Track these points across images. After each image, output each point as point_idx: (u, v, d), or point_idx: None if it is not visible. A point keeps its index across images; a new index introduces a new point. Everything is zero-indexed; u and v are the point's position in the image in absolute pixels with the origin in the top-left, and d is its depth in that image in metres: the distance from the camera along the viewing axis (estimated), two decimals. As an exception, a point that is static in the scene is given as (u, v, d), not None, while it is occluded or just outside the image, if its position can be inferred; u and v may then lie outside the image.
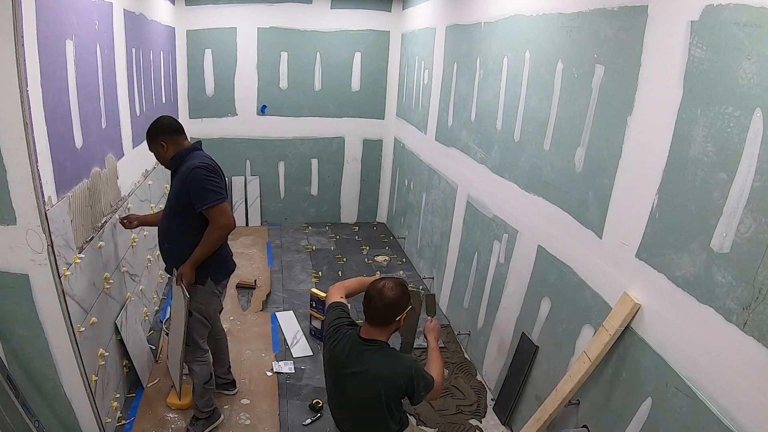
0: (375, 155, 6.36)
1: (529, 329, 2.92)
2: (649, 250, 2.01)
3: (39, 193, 2.02)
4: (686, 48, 1.81)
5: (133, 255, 3.41)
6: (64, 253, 2.27)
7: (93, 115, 2.71)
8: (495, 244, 3.39)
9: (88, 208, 2.58)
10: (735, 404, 1.63)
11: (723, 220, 1.68)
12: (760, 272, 1.55)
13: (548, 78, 2.71)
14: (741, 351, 1.61)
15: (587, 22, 2.38)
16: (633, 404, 2.05)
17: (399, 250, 5.73)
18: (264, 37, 5.62)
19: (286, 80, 5.82)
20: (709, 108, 1.72)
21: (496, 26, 3.34)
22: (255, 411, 3.12)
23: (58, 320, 2.22)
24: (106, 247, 2.84)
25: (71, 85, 2.40)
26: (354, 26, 5.74)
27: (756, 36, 1.57)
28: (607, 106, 2.25)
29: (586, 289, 2.40)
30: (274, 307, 4.34)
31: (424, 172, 4.94)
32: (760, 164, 1.56)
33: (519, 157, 3.05)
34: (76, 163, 2.46)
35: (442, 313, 4.38)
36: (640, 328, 2.04)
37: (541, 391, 2.76)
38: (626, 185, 2.14)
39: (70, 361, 2.31)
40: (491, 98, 3.42)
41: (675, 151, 1.87)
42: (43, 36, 2.07)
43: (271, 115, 5.91)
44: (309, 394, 3.31)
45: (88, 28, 2.64)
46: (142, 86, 3.76)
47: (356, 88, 6.00)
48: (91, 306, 2.58)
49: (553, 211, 2.69)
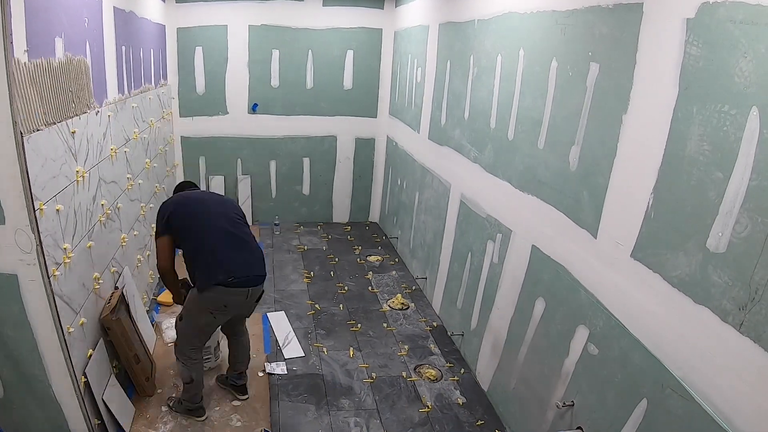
0: (367, 154, 6.32)
1: (523, 330, 2.90)
2: (644, 250, 2.00)
3: (28, 193, 2.00)
4: (682, 46, 1.80)
5: (123, 255, 3.37)
6: (53, 253, 2.25)
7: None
8: (489, 243, 3.37)
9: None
10: (731, 406, 1.62)
11: (719, 219, 1.67)
12: (757, 272, 1.54)
13: (542, 76, 2.69)
14: (737, 352, 1.60)
15: (582, 19, 2.36)
16: (628, 406, 2.03)
17: (392, 250, 5.70)
18: (255, 35, 5.57)
19: (277, 78, 5.77)
20: (705, 106, 1.71)
21: (490, 24, 3.32)
22: (246, 412, 3.09)
23: (47, 321, 2.20)
24: (96, 246, 2.81)
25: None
26: (346, 24, 5.70)
27: (752, 33, 1.56)
28: (602, 104, 2.23)
29: (580, 289, 2.39)
30: (265, 308, 4.31)
31: (417, 172, 4.92)
32: (756, 163, 1.55)
33: (513, 156, 3.04)
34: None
35: (436, 314, 4.37)
36: (636, 328, 2.03)
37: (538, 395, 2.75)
38: (621, 184, 2.13)
39: (59, 362, 2.29)
40: (485, 96, 3.40)
41: (670, 150, 1.86)
42: (32, 34, 2.04)
43: (262, 114, 5.86)
44: (301, 396, 3.28)
45: (78, 25, 2.60)
46: (132, 83, 3.72)
47: (348, 87, 5.96)
48: (80, 306, 2.56)
49: (547, 211, 2.67)
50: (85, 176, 2.65)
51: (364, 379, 3.49)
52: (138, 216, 3.85)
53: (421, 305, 4.53)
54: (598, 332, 2.26)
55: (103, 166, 2.97)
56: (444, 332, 4.07)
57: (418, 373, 3.57)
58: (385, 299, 4.60)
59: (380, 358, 3.73)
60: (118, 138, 3.31)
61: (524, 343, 2.89)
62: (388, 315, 4.35)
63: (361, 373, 3.56)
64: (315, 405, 3.22)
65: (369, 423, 3.09)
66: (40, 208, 2.10)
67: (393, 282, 4.96)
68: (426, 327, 4.18)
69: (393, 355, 3.78)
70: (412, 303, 4.56)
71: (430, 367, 3.64)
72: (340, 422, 3.09)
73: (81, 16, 2.65)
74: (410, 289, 4.80)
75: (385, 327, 4.15)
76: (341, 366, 3.62)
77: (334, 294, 4.64)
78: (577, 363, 2.40)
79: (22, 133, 1.94)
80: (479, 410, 3.25)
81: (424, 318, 4.32)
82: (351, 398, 3.30)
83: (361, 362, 3.67)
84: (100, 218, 2.91)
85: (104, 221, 2.97)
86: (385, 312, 4.39)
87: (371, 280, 4.98)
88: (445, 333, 4.06)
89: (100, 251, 2.90)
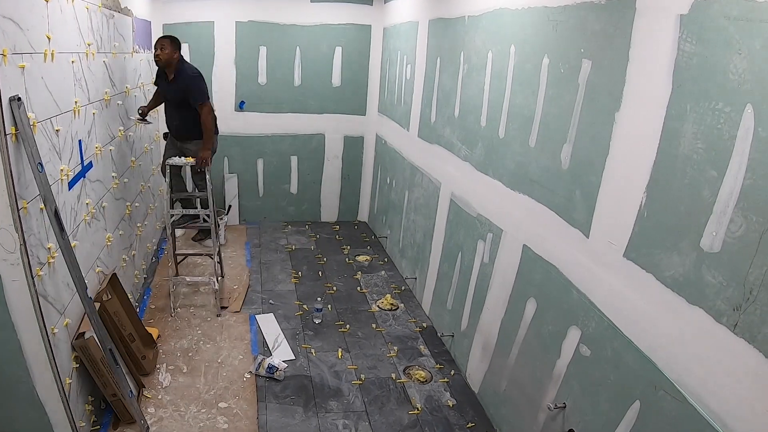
0: (356, 152, 6.27)
1: (514, 331, 2.87)
2: (637, 250, 1.97)
3: (11, 192, 1.96)
4: (675, 42, 1.77)
5: (107, 254, 3.30)
6: (37, 253, 2.21)
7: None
8: (479, 243, 3.34)
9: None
10: (725, 408, 1.60)
11: (713, 218, 1.65)
12: (751, 272, 1.52)
13: (534, 73, 2.65)
14: (731, 353, 1.58)
15: (574, 15, 2.33)
16: (621, 408, 2.01)
17: (381, 250, 5.66)
18: (242, 32, 5.50)
19: (265, 75, 5.70)
20: (699, 104, 1.69)
21: (481, 20, 3.28)
22: (233, 414, 3.03)
23: (31, 322, 2.18)
24: (80, 246, 2.76)
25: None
26: (334, 20, 5.64)
27: (747, 30, 1.54)
28: (595, 101, 2.20)
29: (572, 289, 2.36)
30: (252, 308, 4.25)
31: (407, 170, 4.88)
32: (751, 161, 1.53)
33: (504, 154, 3.00)
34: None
35: (425, 314, 4.33)
36: (628, 329, 2.00)
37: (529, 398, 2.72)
38: (614, 183, 2.10)
39: (44, 364, 2.27)
40: (475, 94, 3.37)
41: (664, 148, 1.83)
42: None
43: (249, 111, 5.79)
44: (289, 398, 3.23)
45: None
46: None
47: (337, 84, 5.90)
48: (64, 307, 2.52)
49: (538, 210, 2.64)
50: (70, 174, 2.60)
51: (353, 380, 3.45)
52: (123, 215, 3.77)
53: (410, 306, 4.49)
54: (590, 333, 2.23)
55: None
56: (434, 333, 4.04)
57: (408, 375, 3.53)
58: (374, 300, 4.56)
59: (369, 360, 3.68)
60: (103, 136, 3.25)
61: (515, 345, 2.86)
62: (377, 315, 4.30)
63: (350, 374, 3.51)
64: (303, 407, 3.16)
65: (358, 425, 3.05)
66: (23, 207, 2.08)
67: (382, 282, 4.91)
68: (415, 328, 4.14)
69: (382, 356, 3.74)
70: (401, 303, 4.51)
71: (419, 369, 3.60)
72: (329, 424, 3.04)
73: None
74: (399, 290, 4.76)
75: (374, 328, 4.10)
76: (329, 367, 3.57)
77: (322, 294, 4.59)
78: (569, 364, 2.37)
79: (5, 131, 1.91)
80: (469, 412, 3.22)
81: (413, 319, 4.28)
82: (339, 400, 3.25)
83: (350, 363, 3.63)
84: (85, 217, 2.87)
85: (89, 221, 2.93)
86: (374, 312, 4.34)
87: (360, 280, 4.93)
88: (434, 334, 4.02)
89: (84, 251, 2.85)
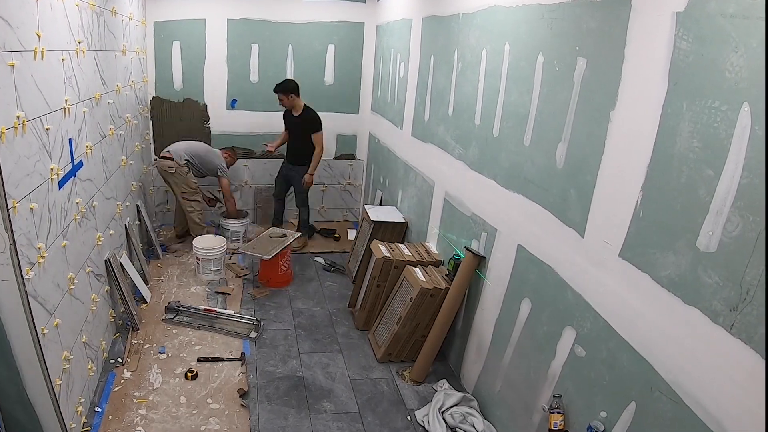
0: (349, 151, 6.23)
1: (509, 331, 2.85)
2: (632, 250, 1.96)
3: (1, 191, 1.92)
4: (671, 40, 1.76)
5: (98, 255, 3.26)
6: (27, 253, 2.18)
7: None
8: (473, 243, 3.31)
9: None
10: (722, 409, 1.59)
11: (709, 218, 1.63)
12: (748, 272, 1.51)
13: (528, 71, 2.63)
14: (728, 353, 1.57)
15: (569, 13, 2.31)
16: (616, 408, 2.00)
17: (375, 248, 5.63)
18: (234, 29, 5.44)
19: (257, 74, 5.66)
20: (695, 102, 1.67)
21: (475, 17, 3.26)
22: (226, 416, 3.00)
23: (21, 322, 2.14)
24: (71, 246, 2.72)
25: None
26: (327, 17, 5.61)
27: (743, 28, 1.52)
28: (590, 100, 2.18)
29: (567, 289, 2.34)
30: (244, 309, 4.21)
31: (400, 169, 4.85)
32: (747, 160, 1.51)
33: (498, 153, 2.98)
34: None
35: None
36: (624, 329, 1.99)
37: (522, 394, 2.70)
38: (609, 182, 2.08)
39: (33, 365, 2.23)
40: (469, 92, 3.34)
41: (660, 147, 1.82)
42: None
43: (241, 110, 5.75)
44: (281, 399, 3.20)
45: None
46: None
47: (330, 82, 5.87)
48: (54, 307, 2.48)
49: (533, 210, 2.62)
50: (60, 173, 2.56)
51: (347, 381, 3.42)
52: (114, 215, 3.72)
53: (404, 304, 4.46)
54: (585, 333, 2.22)
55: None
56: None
57: (402, 376, 3.51)
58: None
59: (363, 360, 3.66)
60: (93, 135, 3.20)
61: (510, 345, 2.85)
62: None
63: (343, 375, 3.49)
64: (296, 408, 3.14)
65: (351, 427, 3.02)
66: (13, 207, 2.04)
67: (376, 281, 4.88)
68: (410, 327, 4.12)
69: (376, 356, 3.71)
70: (395, 302, 4.49)
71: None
72: (322, 426, 3.01)
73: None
74: (394, 288, 4.73)
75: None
76: (323, 368, 3.54)
77: (315, 294, 4.55)
78: (564, 365, 2.36)
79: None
80: (464, 412, 3.20)
81: (407, 317, 4.25)
82: (333, 401, 3.23)
83: (344, 364, 3.60)
84: (75, 217, 2.83)
85: (79, 220, 2.89)
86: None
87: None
88: (429, 333, 4.00)
89: (75, 251, 2.81)
